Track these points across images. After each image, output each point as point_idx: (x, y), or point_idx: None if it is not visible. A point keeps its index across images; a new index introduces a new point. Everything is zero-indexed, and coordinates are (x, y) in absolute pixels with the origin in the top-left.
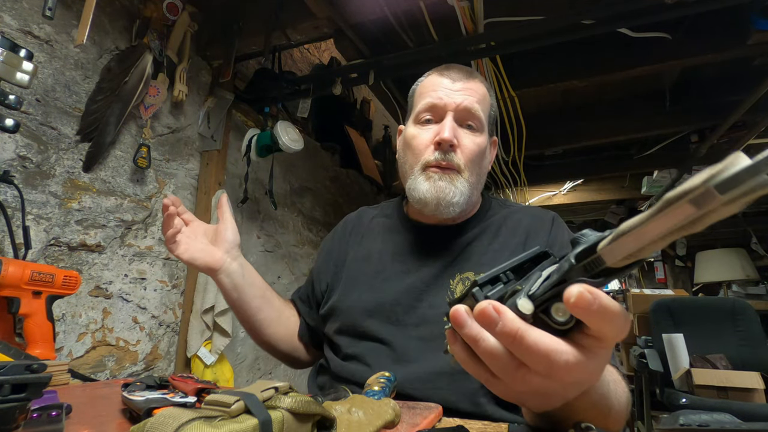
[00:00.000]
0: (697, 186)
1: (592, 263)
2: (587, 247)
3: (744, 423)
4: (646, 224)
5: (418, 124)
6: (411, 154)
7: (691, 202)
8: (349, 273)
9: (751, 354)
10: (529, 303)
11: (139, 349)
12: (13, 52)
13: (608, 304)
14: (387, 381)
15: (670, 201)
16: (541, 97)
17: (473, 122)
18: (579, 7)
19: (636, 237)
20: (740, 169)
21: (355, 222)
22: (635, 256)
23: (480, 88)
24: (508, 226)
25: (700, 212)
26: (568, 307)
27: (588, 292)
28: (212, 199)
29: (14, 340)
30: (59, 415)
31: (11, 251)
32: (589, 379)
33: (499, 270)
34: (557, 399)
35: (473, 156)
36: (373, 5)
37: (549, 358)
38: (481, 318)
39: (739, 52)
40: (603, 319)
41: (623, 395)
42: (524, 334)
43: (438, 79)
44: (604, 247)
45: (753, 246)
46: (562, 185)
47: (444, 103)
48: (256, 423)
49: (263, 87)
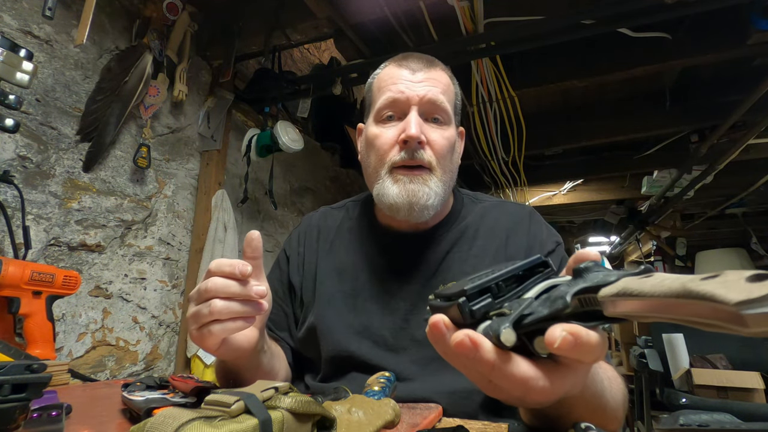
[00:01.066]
0: (727, 302)
1: (587, 301)
2: (588, 288)
3: (744, 423)
4: (657, 299)
5: (380, 123)
6: (375, 155)
7: (713, 310)
8: (324, 289)
9: (751, 354)
10: (513, 335)
11: (139, 349)
12: (13, 52)
13: (588, 341)
14: (387, 381)
15: (693, 295)
16: (541, 97)
17: (440, 115)
18: (579, 7)
19: (643, 305)
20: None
21: (320, 226)
22: (634, 317)
23: (443, 77)
24: (485, 227)
25: (714, 321)
26: (550, 348)
27: (570, 335)
28: (212, 199)
29: (14, 340)
30: (59, 415)
31: (11, 251)
32: (574, 389)
33: (490, 281)
34: (540, 402)
35: (443, 151)
36: (373, 5)
37: (525, 385)
38: (458, 348)
39: (739, 52)
40: (581, 353)
41: (619, 392)
42: (501, 367)
43: (396, 70)
44: (607, 297)
45: (753, 246)
46: (562, 185)
47: (406, 96)
48: (256, 423)
49: (263, 87)
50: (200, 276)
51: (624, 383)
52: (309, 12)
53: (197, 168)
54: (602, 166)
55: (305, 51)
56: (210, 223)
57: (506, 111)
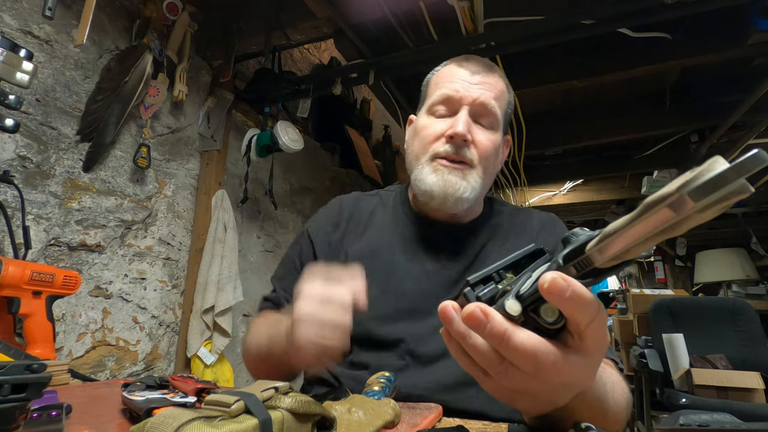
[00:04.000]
0: (672, 192)
1: (581, 263)
2: (576, 247)
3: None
4: (630, 227)
5: (431, 116)
6: (420, 143)
7: (669, 207)
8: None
9: (751, 354)
10: (517, 304)
11: (139, 349)
12: (13, 52)
13: (581, 292)
14: (387, 381)
15: (650, 205)
16: (541, 97)
17: (489, 119)
18: (579, 7)
19: (621, 239)
20: (712, 176)
21: (353, 208)
22: (622, 257)
23: (499, 84)
24: (516, 227)
25: (678, 217)
26: (542, 291)
27: (562, 279)
28: (212, 199)
29: (14, 340)
30: (59, 415)
31: (11, 251)
32: (579, 382)
33: (492, 269)
34: (546, 402)
35: (487, 152)
36: (373, 5)
37: (536, 358)
38: (469, 321)
39: (739, 52)
40: (576, 305)
41: (622, 396)
42: (511, 336)
43: (456, 69)
44: (592, 248)
45: (753, 246)
46: (562, 185)
47: (460, 96)
48: (256, 423)
49: (263, 87)
50: (200, 276)
51: (628, 387)
52: (309, 12)
53: (197, 168)
54: (602, 166)
55: (305, 51)
56: (210, 223)
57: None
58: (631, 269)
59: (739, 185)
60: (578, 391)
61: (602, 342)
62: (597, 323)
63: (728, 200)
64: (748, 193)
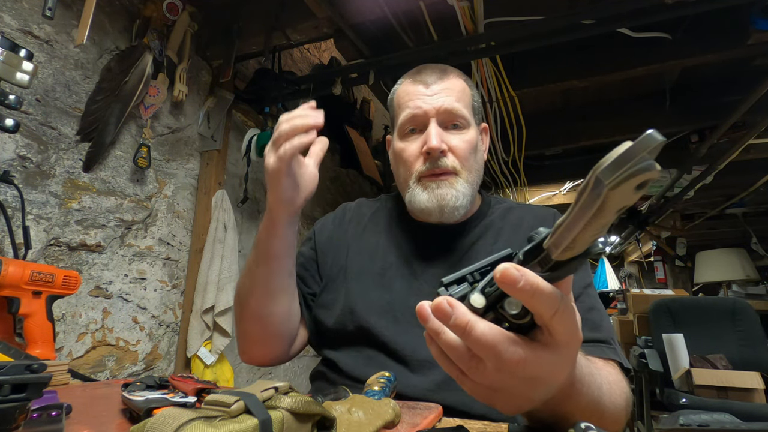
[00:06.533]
0: (589, 175)
1: (543, 259)
2: (536, 243)
3: (744, 423)
4: (571, 215)
5: (404, 137)
6: (403, 168)
7: (591, 189)
8: (354, 265)
9: (751, 354)
10: (481, 297)
11: (139, 349)
12: (13, 52)
13: (536, 282)
14: (387, 381)
15: (580, 192)
16: (541, 97)
17: (458, 121)
18: (579, 7)
19: (567, 228)
20: (616, 156)
21: (354, 211)
22: (573, 247)
23: (457, 84)
24: (510, 224)
25: (600, 199)
26: (496, 281)
27: (515, 269)
28: (212, 199)
29: (14, 340)
30: (59, 415)
31: (11, 251)
32: (550, 377)
33: (467, 272)
34: (522, 399)
35: (465, 154)
36: (373, 5)
37: (496, 348)
38: (437, 312)
39: (739, 52)
40: (533, 297)
41: (620, 397)
42: (473, 326)
43: (412, 87)
44: (548, 242)
45: (753, 246)
46: (562, 185)
47: (424, 110)
48: (256, 423)
49: (263, 87)
50: (200, 276)
51: (628, 387)
52: (309, 12)
53: (197, 168)
54: None
55: (305, 51)
56: (210, 223)
57: (506, 111)
58: (631, 269)
59: (645, 163)
60: (554, 387)
61: (572, 336)
62: (562, 316)
63: (637, 177)
64: (655, 171)
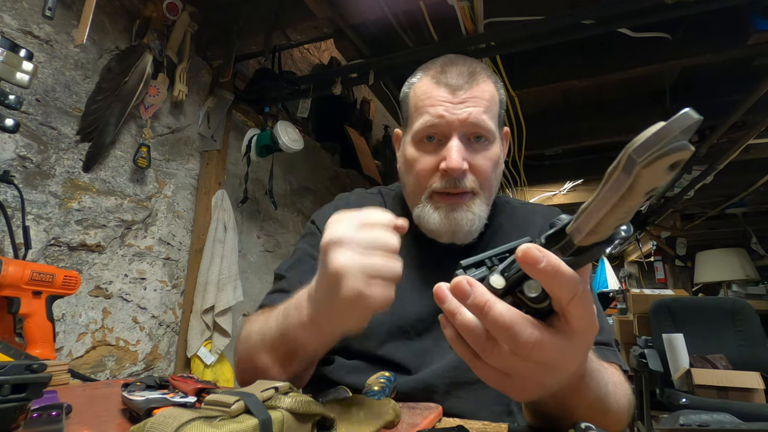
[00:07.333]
0: (621, 155)
1: (565, 245)
2: (558, 229)
3: (744, 423)
4: (597, 198)
5: (419, 144)
6: (414, 179)
7: (622, 170)
8: None
9: (751, 354)
10: (501, 279)
11: (139, 349)
12: (13, 52)
13: (557, 264)
14: (387, 381)
15: (608, 173)
16: (541, 97)
17: (483, 134)
18: (579, 7)
19: (592, 212)
20: (650, 134)
21: (356, 207)
22: (596, 232)
23: (486, 90)
24: (517, 226)
25: (630, 178)
26: (518, 260)
27: (537, 250)
28: (212, 199)
29: (14, 340)
30: (59, 415)
31: (11, 251)
32: (564, 365)
33: (485, 255)
34: (535, 385)
35: (487, 173)
36: (373, 5)
37: (513, 329)
38: (455, 291)
39: (739, 52)
40: (554, 279)
41: (623, 398)
42: (492, 306)
43: (435, 89)
44: (571, 226)
45: (753, 246)
46: (562, 185)
47: (447, 121)
48: (256, 423)
49: (263, 87)
50: (200, 276)
51: (630, 390)
52: (309, 12)
53: (197, 168)
54: (602, 166)
55: (305, 51)
56: (210, 223)
57: (506, 111)
58: (631, 269)
59: (679, 143)
60: (567, 375)
61: (589, 323)
62: (579, 301)
63: (670, 156)
64: (688, 151)
